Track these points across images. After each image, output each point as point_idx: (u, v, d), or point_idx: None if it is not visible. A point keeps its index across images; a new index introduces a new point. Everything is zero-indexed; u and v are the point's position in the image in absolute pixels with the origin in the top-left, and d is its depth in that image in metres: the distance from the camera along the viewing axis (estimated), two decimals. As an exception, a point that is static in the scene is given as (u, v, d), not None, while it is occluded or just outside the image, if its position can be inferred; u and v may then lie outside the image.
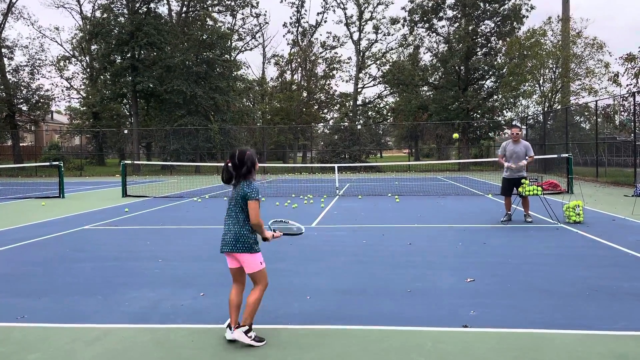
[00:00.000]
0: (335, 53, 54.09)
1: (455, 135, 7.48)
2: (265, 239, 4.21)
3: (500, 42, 38.42)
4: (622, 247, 7.51)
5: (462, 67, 38.45)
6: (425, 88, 43.95)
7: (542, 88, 33.27)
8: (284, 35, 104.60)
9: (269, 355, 3.89)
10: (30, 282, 6.17)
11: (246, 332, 4.05)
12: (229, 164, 4.13)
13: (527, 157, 10.06)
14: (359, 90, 51.52)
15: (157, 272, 6.55)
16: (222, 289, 5.66)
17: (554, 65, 32.47)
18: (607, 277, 5.90)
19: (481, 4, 37.50)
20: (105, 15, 39.18)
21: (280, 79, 52.11)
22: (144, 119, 45.44)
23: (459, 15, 38.72)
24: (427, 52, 43.00)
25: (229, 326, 4.20)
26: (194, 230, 9.97)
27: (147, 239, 9.04)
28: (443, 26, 40.28)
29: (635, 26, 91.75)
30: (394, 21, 44.70)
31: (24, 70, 42.31)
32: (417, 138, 50.97)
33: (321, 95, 51.73)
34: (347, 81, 52.47)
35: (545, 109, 32.05)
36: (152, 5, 40.49)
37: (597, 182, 20.62)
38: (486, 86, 40.05)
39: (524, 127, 33.06)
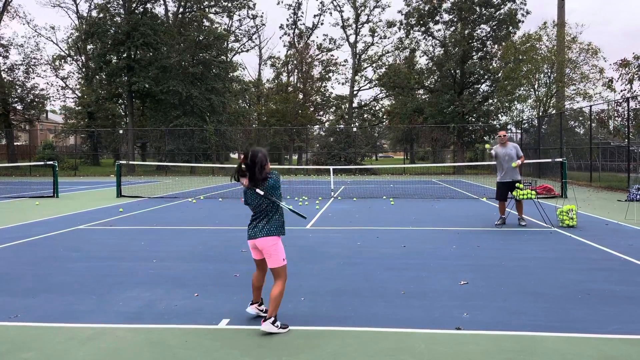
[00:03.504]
0: (332, 55, 54.33)
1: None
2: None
3: (496, 46, 38.63)
4: (615, 252, 7.57)
5: (457, 71, 38.61)
6: (421, 91, 44.13)
7: (537, 92, 33.47)
8: (280, 37, 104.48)
9: (263, 356, 3.90)
10: (24, 281, 6.15)
11: (273, 323, 4.37)
12: (244, 164, 4.37)
13: (519, 157, 10.23)
14: (355, 92, 51.66)
15: (151, 272, 6.55)
16: (216, 290, 5.67)
17: (549, 70, 32.66)
18: (599, 281, 5.94)
19: (477, 8, 37.69)
20: (101, 15, 39.10)
21: (276, 81, 52.15)
22: (140, 119, 45.36)
23: (455, 19, 38.91)
24: (423, 56, 43.22)
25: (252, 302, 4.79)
26: (188, 231, 9.96)
27: (142, 239, 9.03)
28: (439, 30, 40.49)
29: (629, 31, 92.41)
30: (390, 24, 44.83)
31: (19, 69, 42.23)
32: (413, 141, 51.10)
33: (317, 97, 51.80)
34: (343, 84, 52.67)
35: (540, 114, 32.22)
36: (148, 5, 40.49)
37: (590, 186, 20.73)
38: (481, 90, 40.26)
39: (519, 131, 33.23)
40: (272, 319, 4.36)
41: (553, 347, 4.02)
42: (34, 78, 65.55)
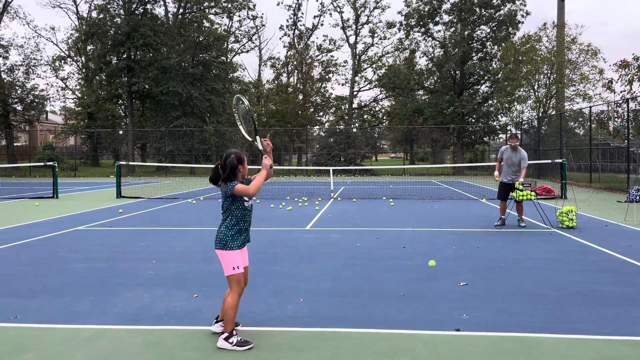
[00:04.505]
0: (332, 56, 54.33)
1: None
2: (271, 166, 4.29)
3: (496, 47, 38.65)
4: (614, 253, 7.57)
5: (457, 72, 38.63)
6: (421, 92, 44.14)
7: (536, 93, 33.47)
8: (280, 38, 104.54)
9: (262, 358, 3.90)
10: (23, 282, 6.15)
11: (226, 339, 4.07)
12: (219, 165, 4.20)
13: (521, 168, 10.19)
14: (355, 93, 51.63)
15: (150, 273, 6.54)
16: (216, 291, 5.66)
17: (549, 71, 32.67)
18: (599, 282, 5.94)
19: (477, 10, 37.73)
20: (101, 15, 39.11)
21: (276, 82, 52.14)
22: (139, 120, 45.36)
23: (455, 20, 38.94)
24: (422, 57, 43.24)
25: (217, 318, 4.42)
26: (188, 232, 9.96)
27: (141, 240, 9.03)
28: (439, 31, 40.53)
29: (628, 32, 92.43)
30: (390, 25, 44.88)
31: (19, 69, 42.18)
32: (412, 142, 51.12)
33: (317, 98, 51.80)
34: (343, 84, 52.62)
35: (540, 115, 32.22)
36: (148, 6, 40.47)
37: (590, 187, 20.73)
38: (481, 91, 40.29)
39: (519, 131, 33.23)
40: (226, 334, 4.07)
41: (552, 348, 4.02)
42: (33, 79, 65.74)
